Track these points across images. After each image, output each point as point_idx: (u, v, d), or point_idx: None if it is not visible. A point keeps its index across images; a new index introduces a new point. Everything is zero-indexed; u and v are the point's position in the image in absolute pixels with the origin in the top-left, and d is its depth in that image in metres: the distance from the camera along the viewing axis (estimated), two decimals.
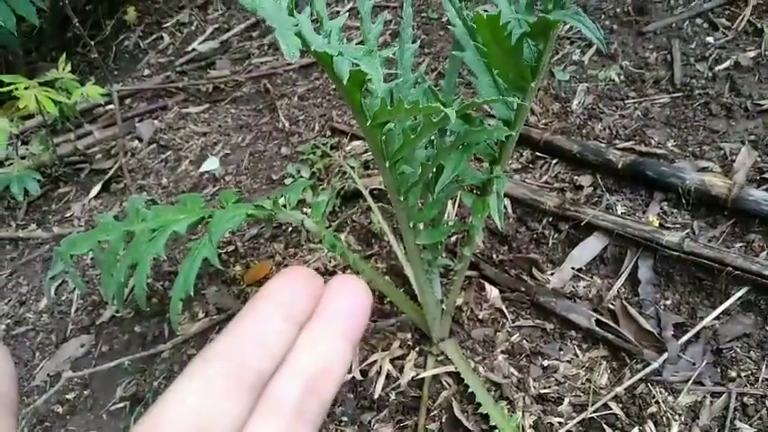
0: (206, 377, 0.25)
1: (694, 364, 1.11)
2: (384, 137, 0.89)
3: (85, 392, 1.43)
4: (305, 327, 0.28)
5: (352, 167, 1.65)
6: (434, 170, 0.99)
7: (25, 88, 1.92)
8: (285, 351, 0.27)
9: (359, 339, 0.29)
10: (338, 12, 2.32)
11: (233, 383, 0.25)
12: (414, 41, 1.01)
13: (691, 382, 1.08)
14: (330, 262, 1.47)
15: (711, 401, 1.05)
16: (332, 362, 0.28)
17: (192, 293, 1.10)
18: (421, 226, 1.10)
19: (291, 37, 0.60)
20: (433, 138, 1.03)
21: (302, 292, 0.29)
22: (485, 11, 0.77)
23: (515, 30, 0.84)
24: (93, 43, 2.31)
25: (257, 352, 0.26)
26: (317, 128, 1.91)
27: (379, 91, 0.61)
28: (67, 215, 2.03)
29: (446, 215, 1.43)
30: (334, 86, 2.06)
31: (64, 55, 2.17)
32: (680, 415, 1.04)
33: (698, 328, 1.14)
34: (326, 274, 1.45)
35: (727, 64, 1.61)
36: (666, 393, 1.08)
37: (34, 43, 3.16)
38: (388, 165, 0.91)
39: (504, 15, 0.80)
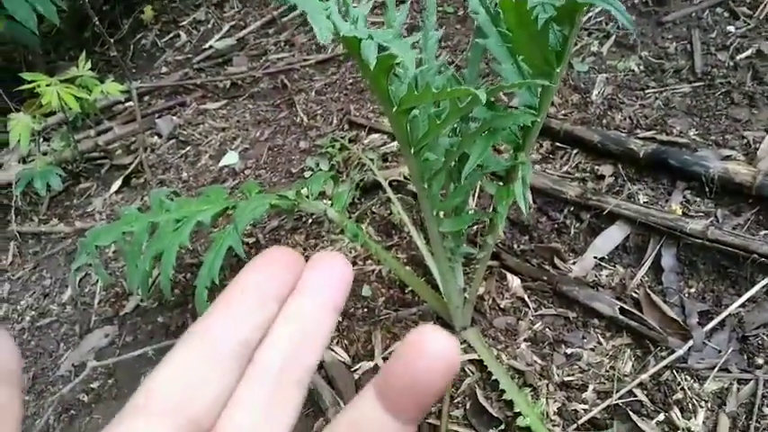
0: (193, 350, 0.26)
1: (720, 351, 1.10)
2: (409, 124, 0.89)
3: (110, 381, 1.45)
4: (287, 300, 0.29)
5: (371, 160, 1.66)
6: (458, 158, 1.00)
7: (47, 85, 1.95)
8: (268, 324, 0.28)
9: (341, 308, 0.30)
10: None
11: (219, 354, 0.26)
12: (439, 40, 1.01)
13: (717, 369, 1.07)
14: (351, 252, 1.47)
15: (738, 388, 1.04)
16: (313, 328, 0.28)
17: (216, 283, 1.11)
18: (443, 214, 1.11)
19: (324, 20, 0.60)
20: (456, 126, 1.04)
21: (283, 270, 0.29)
22: None
23: (541, 14, 0.84)
24: (111, 42, 2.34)
25: (239, 325, 0.27)
26: (334, 122, 1.92)
27: (410, 72, 0.61)
28: (89, 210, 2.05)
29: (468, 204, 1.43)
30: (351, 81, 2.07)
31: (84, 53, 2.20)
32: (706, 402, 1.04)
33: (723, 315, 1.14)
34: None
35: (748, 53, 1.59)
36: (692, 380, 1.07)
37: (53, 43, 3.20)
38: (412, 152, 0.92)
39: (530, 0, 0.80)
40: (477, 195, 1.50)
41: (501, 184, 1.04)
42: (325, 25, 0.59)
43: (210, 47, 2.62)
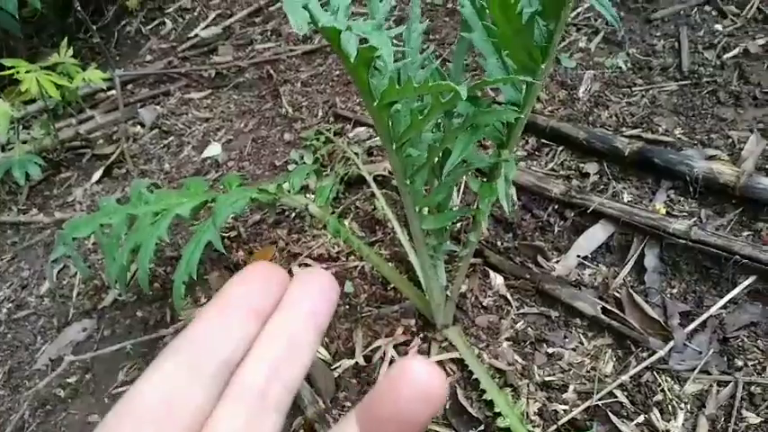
0: (171, 367, 0.26)
1: (701, 352, 1.10)
2: (391, 118, 0.87)
3: (87, 376, 1.43)
4: (270, 318, 0.28)
5: (356, 154, 1.64)
6: (441, 154, 0.98)
7: (27, 72, 1.91)
8: (250, 341, 0.27)
9: (325, 327, 0.29)
10: None
11: (198, 372, 0.25)
12: (426, 31, 0.99)
13: (697, 370, 1.07)
14: (334, 248, 1.46)
15: (718, 390, 1.04)
16: (296, 348, 0.27)
17: (194, 277, 1.09)
18: (426, 211, 1.09)
19: (300, 11, 0.58)
20: (439, 121, 1.02)
21: (266, 286, 0.29)
22: None
23: (526, 8, 0.83)
24: (95, 28, 2.29)
25: (222, 342, 0.26)
26: (320, 114, 1.90)
27: (389, 66, 0.59)
28: (69, 200, 2.01)
29: (451, 201, 1.42)
30: (337, 72, 2.04)
31: (65, 39, 2.15)
32: (686, 403, 1.04)
33: (704, 316, 1.13)
34: (330, 260, 1.44)
35: (735, 52, 1.59)
36: (672, 382, 1.07)
37: (35, 28, 3.14)
38: (394, 147, 0.90)
39: None
40: (461, 191, 1.49)
41: (485, 180, 1.02)
42: (301, 16, 0.57)
43: (196, 35, 2.58)
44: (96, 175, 2.03)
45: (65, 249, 1.29)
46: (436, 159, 1.00)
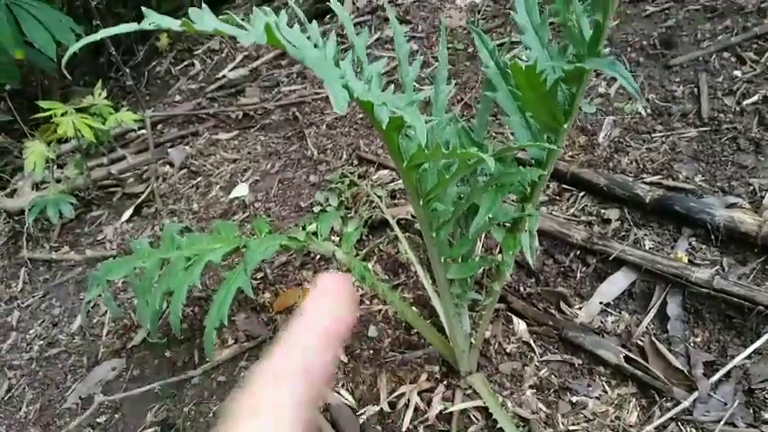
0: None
1: (726, 404, 1.10)
2: (419, 176, 0.91)
3: (116, 416, 1.46)
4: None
5: (380, 197, 1.68)
6: (466, 208, 1.01)
7: (62, 114, 1.99)
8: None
9: (345, 338, 0.38)
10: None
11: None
12: (448, 81, 1.03)
13: (723, 422, 1.07)
14: (358, 291, 1.48)
15: None
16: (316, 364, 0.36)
17: (225, 323, 1.13)
18: (450, 260, 1.12)
19: (340, 90, 0.62)
20: (464, 176, 1.05)
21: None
22: (519, 58, 0.79)
23: (549, 75, 0.86)
24: (127, 70, 2.39)
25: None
26: (344, 156, 1.94)
27: (422, 140, 0.63)
28: (100, 238, 2.08)
29: (475, 248, 1.44)
30: (360, 116, 2.10)
31: (100, 82, 2.24)
32: None
33: (729, 367, 1.14)
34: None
35: (755, 98, 1.61)
36: None
37: (68, 68, 3.25)
38: (421, 203, 0.94)
39: (540, 62, 0.82)
40: (482, 237, 1.51)
41: (508, 230, 1.05)
42: (342, 95, 0.61)
43: (224, 76, 2.66)
44: (126, 214, 2.10)
45: (98, 290, 1.33)
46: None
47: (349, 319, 0.38)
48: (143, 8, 0.64)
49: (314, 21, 0.85)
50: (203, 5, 0.65)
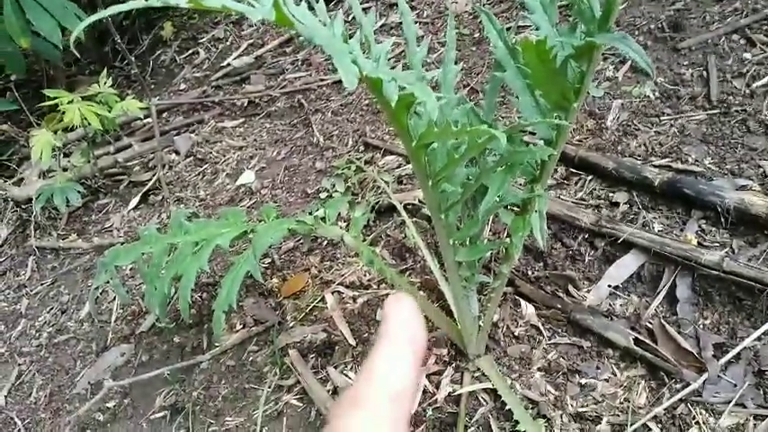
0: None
1: (735, 385, 1.10)
2: (428, 156, 0.90)
3: (126, 401, 1.47)
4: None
5: (386, 182, 1.68)
6: (475, 189, 1.01)
7: (69, 102, 1.99)
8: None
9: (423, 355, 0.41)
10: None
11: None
12: (455, 62, 1.02)
13: (732, 403, 1.07)
14: (365, 276, 1.49)
15: (755, 424, 1.03)
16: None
17: (233, 307, 1.13)
18: (458, 243, 1.11)
19: (350, 65, 0.62)
20: (474, 156, 1.05)
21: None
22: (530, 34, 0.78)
23: (560, 52, 0.85)
24: (133, 59, 2.38)
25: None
26: (350, 143, 1.94)
27: (433, 115, 0.62)
28: (107, 226, 2.08)
29: (483, 231, 1.44)
30: (366, 102, 2.09)
31: (105, 70, 2.24)
32: None
33: (738, 348, 1.13)
34: (362, 287, 1.47)
35: (765, 80, 1.59)
36: (707, 414, 1.07)
37: (73, 56, 3.26)
38: (430, 183, 0.93)
39: (550, 39, 0.81)
40: (491, 220, 1.51)
41: (517, 213, 1.05)
42: (352, 71, 0.61)
43: (228, 64, 2.66)
44: (133, 202, 2.10)
45: (106, 277, 1.34)
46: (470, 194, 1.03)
47: (424, 342, 0.41)
48: None
49: (321, 1, 0.84)
50: None
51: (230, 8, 0.61)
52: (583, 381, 1.17)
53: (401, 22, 1.14)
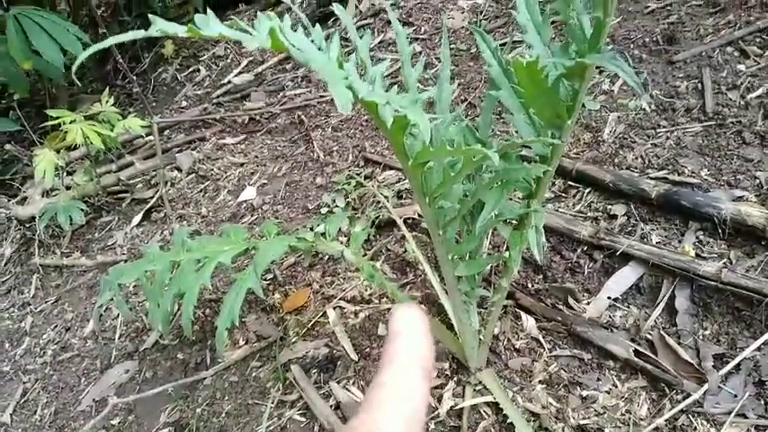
0: None
1: (736, 395, 1.10)
2: (424, 174, 0.92)
3: (130, 418, 1.47)
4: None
5: (386, 197, 1.69)
6: (472, 205, 1.02)
7: (71, 122, 2.01)
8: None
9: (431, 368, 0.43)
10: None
11: None
12: (451, 81, 1.04)
13: (733, 414, 1.07)
14: (366, 290, 1.50)
15: None
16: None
17: (236, 323, 1.14)
18: (457, 258, 1.13)
19: (344, 91, 0.64)
20: (470, 172, 1.06)
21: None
22: (522, 57, 0.80)
23: (551, 71, 0.87)
24: (134, 77, 2.41)
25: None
26: (350, 158, 1.96)
27: (426, 137, 0.64)
28: (110, 243, 2.10)
29: (482, 245, 1.45)
30: (365, 118, 2.11)
31: (107, 89, 2.27)
32: None
33: (738, 359, 1.14)
34: (363, 302, 1.48)
35: (759, 92, 1.61)
36: (708, 425, 1.07)
37: (76, 75, 3.29)
38: (427, 201, 0.95)
39: (542, 60, 0.83)
40: (490, 234, 1.52)
41: (514, 227, 1.06)
42: (346, 96, 0.62)
43: (229, 82, 2.69)
44: (136, 219, 2.12)
45: (110, 295, 1.35)
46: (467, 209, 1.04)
47: (433, 359, 0.41)
48: (149, 15, 0.65)
49: (317, 24, 0.86)
50: (208, 11, 0.66)
51: (227, 36, 0.63)
52: (584, 393, 1.18)
53: None
